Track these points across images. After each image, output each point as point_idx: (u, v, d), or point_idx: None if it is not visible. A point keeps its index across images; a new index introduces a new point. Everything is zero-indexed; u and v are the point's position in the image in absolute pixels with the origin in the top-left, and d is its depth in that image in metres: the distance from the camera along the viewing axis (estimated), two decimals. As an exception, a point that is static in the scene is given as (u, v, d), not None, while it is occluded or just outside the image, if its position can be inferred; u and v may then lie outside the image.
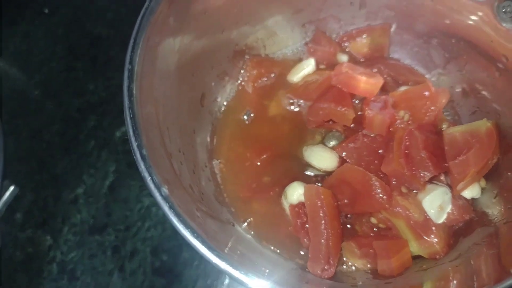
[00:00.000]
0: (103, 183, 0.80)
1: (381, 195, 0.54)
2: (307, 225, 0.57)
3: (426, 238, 0.53)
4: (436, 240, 0.53)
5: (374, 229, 0.57)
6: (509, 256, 0.47)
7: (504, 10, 0.53)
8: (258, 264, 0.51)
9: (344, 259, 0.57)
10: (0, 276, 0.73)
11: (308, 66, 0.68)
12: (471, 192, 0.56)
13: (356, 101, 0.63)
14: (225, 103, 0.69)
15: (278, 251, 0.59)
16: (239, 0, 0.59)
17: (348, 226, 0.59)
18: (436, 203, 0.53)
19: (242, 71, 0.69)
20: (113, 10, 0.96)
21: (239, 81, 0.70)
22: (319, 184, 0.61)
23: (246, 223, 0.60)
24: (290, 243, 0.60)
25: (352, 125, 0.62)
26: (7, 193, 0.58)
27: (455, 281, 0.49)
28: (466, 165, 0.53)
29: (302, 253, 0.58)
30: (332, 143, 0.64)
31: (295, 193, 0.59)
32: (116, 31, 0.95)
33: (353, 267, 0.57)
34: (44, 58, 0.93)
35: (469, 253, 0.51)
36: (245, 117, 0.68)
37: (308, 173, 0.63)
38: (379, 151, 0.59)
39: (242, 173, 0.64)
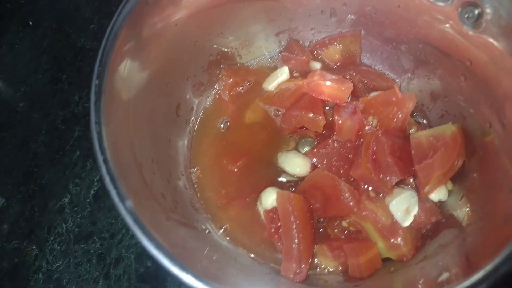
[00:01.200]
0: (88, 192, 0.81)
1: (349, 199, 0.55)
2: (281, 230, 0.58)
3: (393, 240, 0.54)
4: (402, 242, 0.54)
5: (345, 232, 0.59)
6: (476, 255, 0.49)
7: (467, 15, 0.55)
8: (231, 272, 0.52)
9: (317, 261, 0.59)
10: (-14, 286, 0.75)
11: (282, 74, 0.69)
12: (438, 194, 0.57)
13: (327, 108, 0.65)
14: (201, 112, 0.70)
15: (253, 256, 0.60)
16: (210, 12, 0.61)
17: (321, 230, 0.61)
18: (403, 207, 0.55)
19: (218, 81, 0.71)
20: (97, 21, 0.98)
21: (215, 90, 0.71)
22: (293, 189, 0.63)
23: (222, 230, 0.62)
24: (265, 248, 0.61)
25: (324, 132, 0.64)
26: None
27: (422, 282, 0.51)
28: (431, 168, 0.54)
29: (276, 257, 0.60)
30: (305, 149, 0.65)
31: (270, 198, 0.61)
32: (99, 42, 0.94)
33: (326, 270, 0.59)
34: (29, 70, 0.95)
35: (435, 255, 0.52)
36: (222, 125, 0.70)
37: (281, 179, 0.64)
38: (349, 156, 0.60)
39: (219, 180, 0.66)
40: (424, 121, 0.65)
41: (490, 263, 0.40)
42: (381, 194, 0.57)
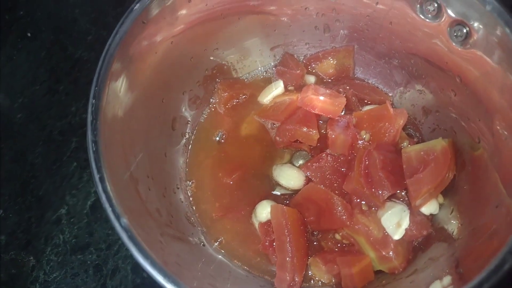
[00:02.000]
0: (85, 203, 0.82)
1: (342, 213, 0.56)
2: (275, 243, 0.59)
3: (384, 253, 0.55)
4: (394, 255, 0.55)
5: (339, 245, 0.60)
6: (464, 269, 0.50)
7: (455, 34, 0.56)
8: (225, 285, 0.53)
9: (311, 274, 0.60)
10: (-17, 298, 0.75)
11: (277, 88, 0.71)
12: (429, 208, 0.58)
13: (321, 122, 0.66)
14: (197, 125, 0.71)
15: (248, 268, 0.61)
16: (205, 28, 0.62)
17: (315, 242, 0.61)
18: (394, 220, 0.56)
19: (213, 94, 0.72)
20: (94, 33, 0.99)
21: (211, 103, 0.72)
22: (287, 202, 0.64)
23: (217, 243, 0.63)
24: (260, 261, 0.62)
25: (318, 145, 0.65)
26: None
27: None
28: (421, 182, 0.55)
29: (271, 270, 0.61)
30: (300, 162, 0.66)
31: (264, 211, 0.62)
32: (97, 54, 0.97)
33: (320, 283, 0.59)
34: (27, 81, 0.95)
35: (425, 268, 0.53)
36: (217, 138, 0.71)
37: (276, 192, 0.65)
38: (342, 170, 0.61)
39: (214, 193, 0.67)
40: (417, 134, 0.67)
41: (476, 278, 0.41)
42: (373, 208, 0.58)
